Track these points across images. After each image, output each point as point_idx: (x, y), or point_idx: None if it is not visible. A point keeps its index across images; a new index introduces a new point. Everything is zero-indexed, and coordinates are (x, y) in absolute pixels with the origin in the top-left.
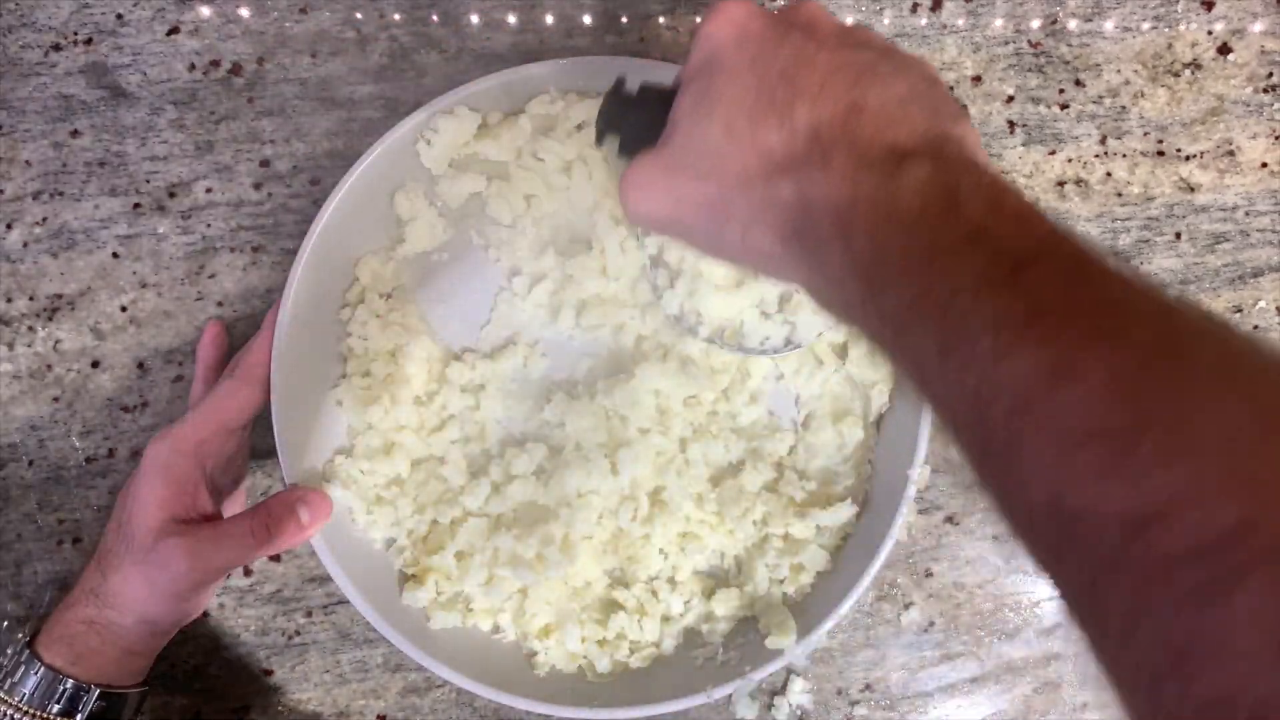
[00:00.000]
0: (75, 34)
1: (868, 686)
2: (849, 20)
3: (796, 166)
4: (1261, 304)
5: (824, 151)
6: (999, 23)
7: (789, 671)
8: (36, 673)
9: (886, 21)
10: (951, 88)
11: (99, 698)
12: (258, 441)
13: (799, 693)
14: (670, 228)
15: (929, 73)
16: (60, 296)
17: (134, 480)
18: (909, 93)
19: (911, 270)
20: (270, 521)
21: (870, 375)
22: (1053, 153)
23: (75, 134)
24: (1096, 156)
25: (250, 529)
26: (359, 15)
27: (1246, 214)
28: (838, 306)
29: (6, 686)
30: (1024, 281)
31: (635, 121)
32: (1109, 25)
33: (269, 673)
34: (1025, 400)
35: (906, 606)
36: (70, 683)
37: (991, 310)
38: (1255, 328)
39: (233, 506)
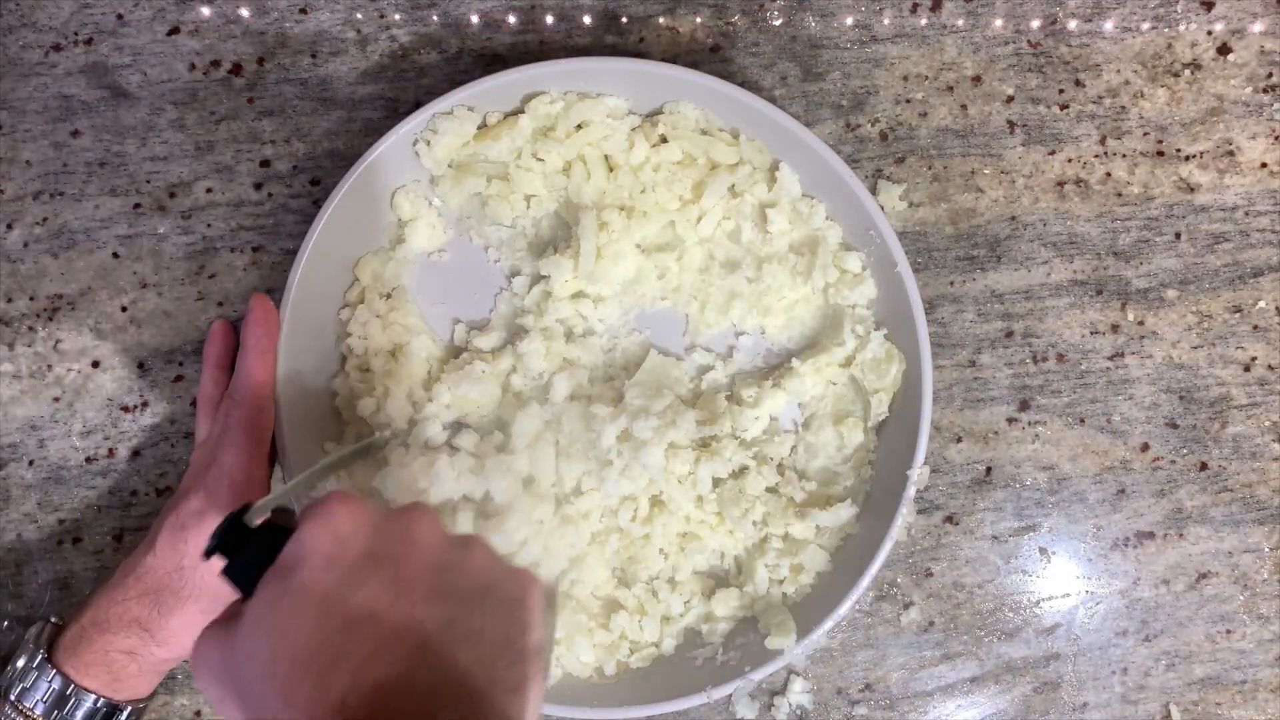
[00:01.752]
0: (76, 34)
1: (867, 686)
2: (848, 21)
3: None
4: (1261, 304)
5: None
6: (999, 23)
7: (789, 671)
8: (68, 689)
9: (886, 21)
10: (951, 88)
11: (129, 715)
12: None
13: (799, 693)
14: (214, 700)
15: (519, 621)
16: (60, 296)
17: (199, 529)
18: (467, 667)
19: None
20: None
21: (873, 381)
22: (1052, 153)
23: (76, 134)
24: (1096, 156)
25: None
26: (359, 15)
27: (1246, 214)
28: None
29: (16, 693)
30: None
31: (249, 556)
32: (1109, 25)
33: None
34: None
35: (906, 606)
36: (103, 702)
37: None
38: (1255, 328)
39: None
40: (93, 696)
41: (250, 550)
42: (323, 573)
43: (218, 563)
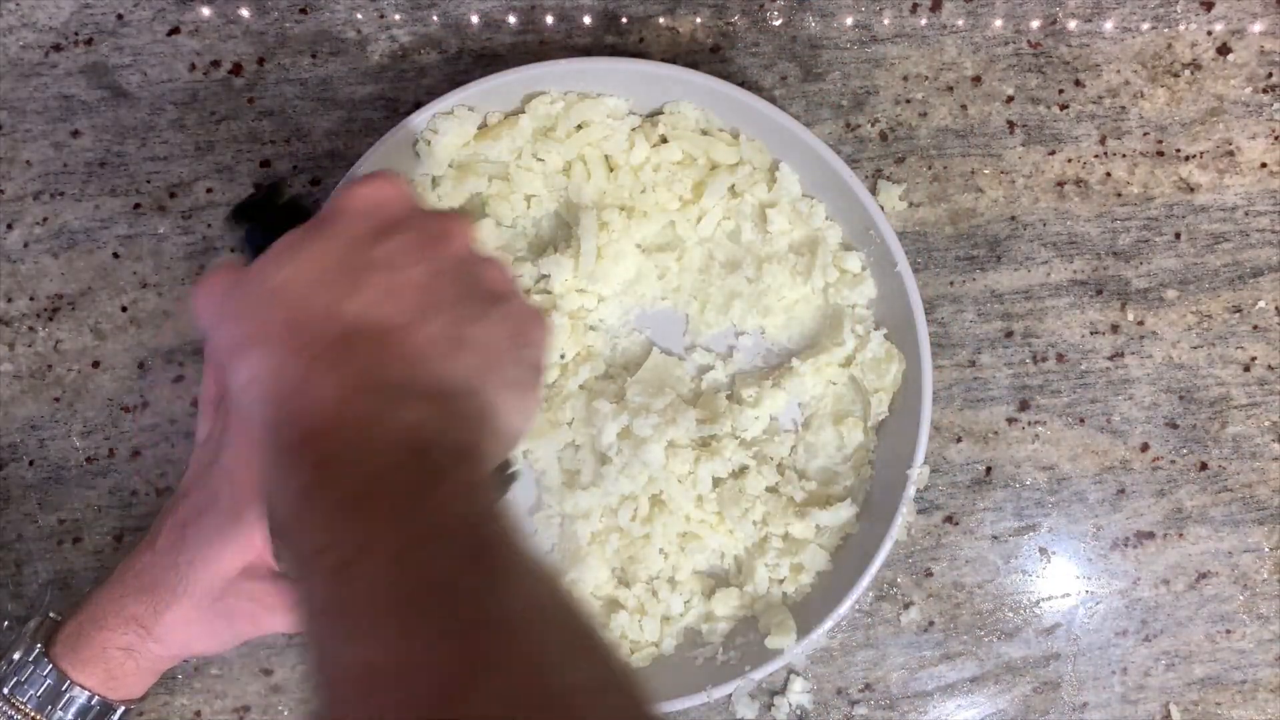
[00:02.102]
0: (76, 34)
1: (867, 686)
2: (848, 21)
3: (312, 357)
4: (1261, 304)
5: (342, 352)
6: (999, 23)
7: (789, 671)
8: (62, 685)
9: (886, 21)
10: (950, 88)
11: (122, 714)
12: None
13: (799, 692)
14: (210, 335)
15: (529, 334)
16: (61, 296)
17: (199, 526)
18: (474, 341)
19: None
20: None
21: (873, 381)
22: (1052, 153)
23: (76, 134)
24: (1096, 157)
25: None
26: (359, 15)
27: (1246, 214)
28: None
29: (10, 686)
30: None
31: (270, 222)
32: (1108, 25)
33: (269, 673)
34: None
35: (906, 606)
36: (97, 700)
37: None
38: (1255, 328)
39: None
40: (86, 693)
41: (275, 219)
42: (355, 221)
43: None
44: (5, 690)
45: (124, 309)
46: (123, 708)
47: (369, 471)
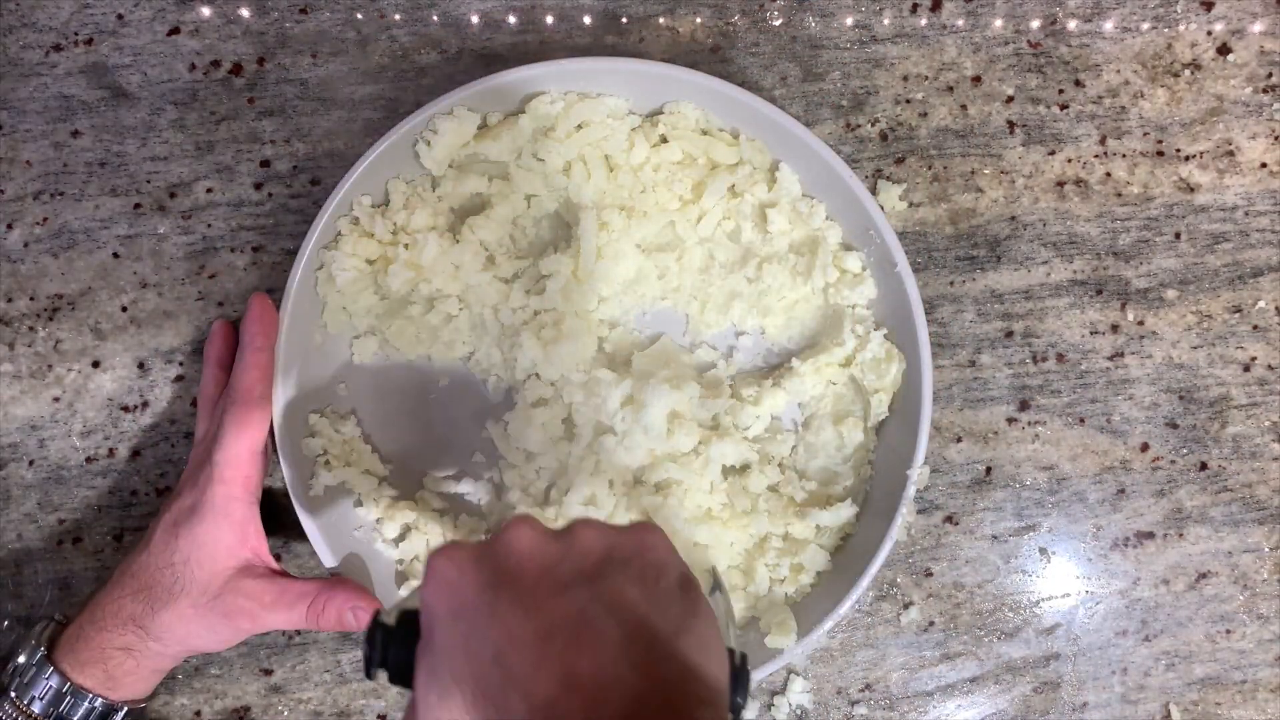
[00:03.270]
0: (76, 34)
1: (867, 686)
2: (848, 21)
3: None
4: (1261, 304)
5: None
6: (999, 23)
7: (789, 671)
8: (65, 687)
9: (886, 22)
10: (951, 88)
11: (125, 715)
12: None
13: (799, 692)
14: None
15: (652, 565)
16: (61, 296)
17: (190, 525)
18: (623, 634)
19: None
20: (322, 616)
21: (873, 381)
22: (1052, 153)
23: (76, 134)
24: (1096, 157)
25: (305, 612)
26: (359, 15)
27: (1246, 214)
28: None
29: (15, 689)
30: None
31: (398, 652)
32: (1108, 25)
33: (269, 672)
34: None
35: (906, 606)
36: (100, 701)
37: None
38: (1255, 328)
39: None
40: (89, 696)
41: (399, 648)
42: (453, 627)
43: (381, 675)
44: (12, 693)
45: (124, 309)
46: (125, 708)
47: None
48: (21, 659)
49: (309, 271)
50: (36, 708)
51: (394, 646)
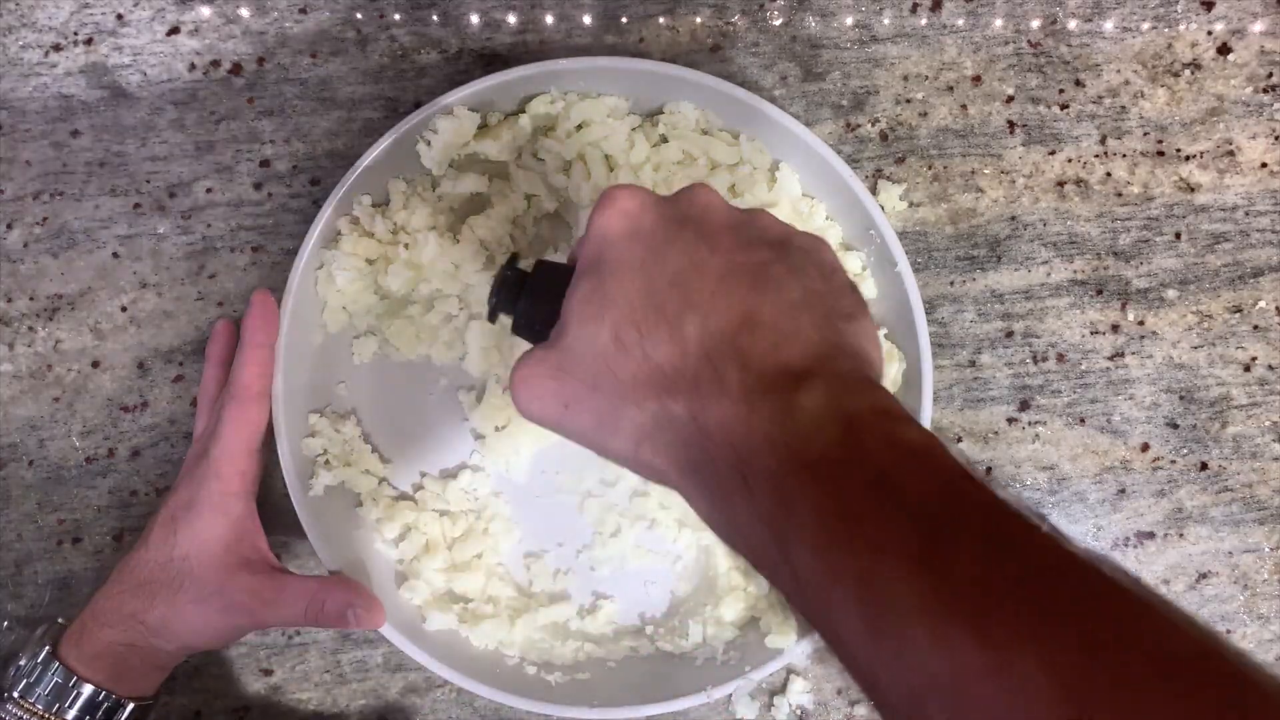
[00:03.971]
0: (75, 34)
1: None
2: (848, 21)
3: (689, 386)
4: (1261, 304)
5: (716, 372)
6: (999, 23)
7: (789, 671)
8: (70, 682)
9: (886, 21)
10: (951, 88)
11: (132, 711)
12: None
13: (799, 693)
14: (560, 429)
15: (826, 261)
16: (60, 296)
17: (188, 520)
18: (803, 296)
19: (819, 525)
20: (322, 614)
21: None
22: (1053, 153)
23: (75, 134)
24: (1096, 156)
25: (305, 609)
26: (359, 15)
27: (1246, 214)
28: (745, 552)
29: (20, 690)
30: (945, 558)
31: (529, 301)
32: (1109, 25)
33: (269, 673)
34: (965, 700)
35: None
36: (104, 695)
37: (917, 594)
38: (1255, 328)
39: None
40: (92, 688)
41: (530, 292)
42: (629, 246)
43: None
44: (15, 693)
45: (124, 309)
46: (131, 704)
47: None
48: (24, 660)
49: (309, 271)
50: (41, 704)
51: (525, 296)
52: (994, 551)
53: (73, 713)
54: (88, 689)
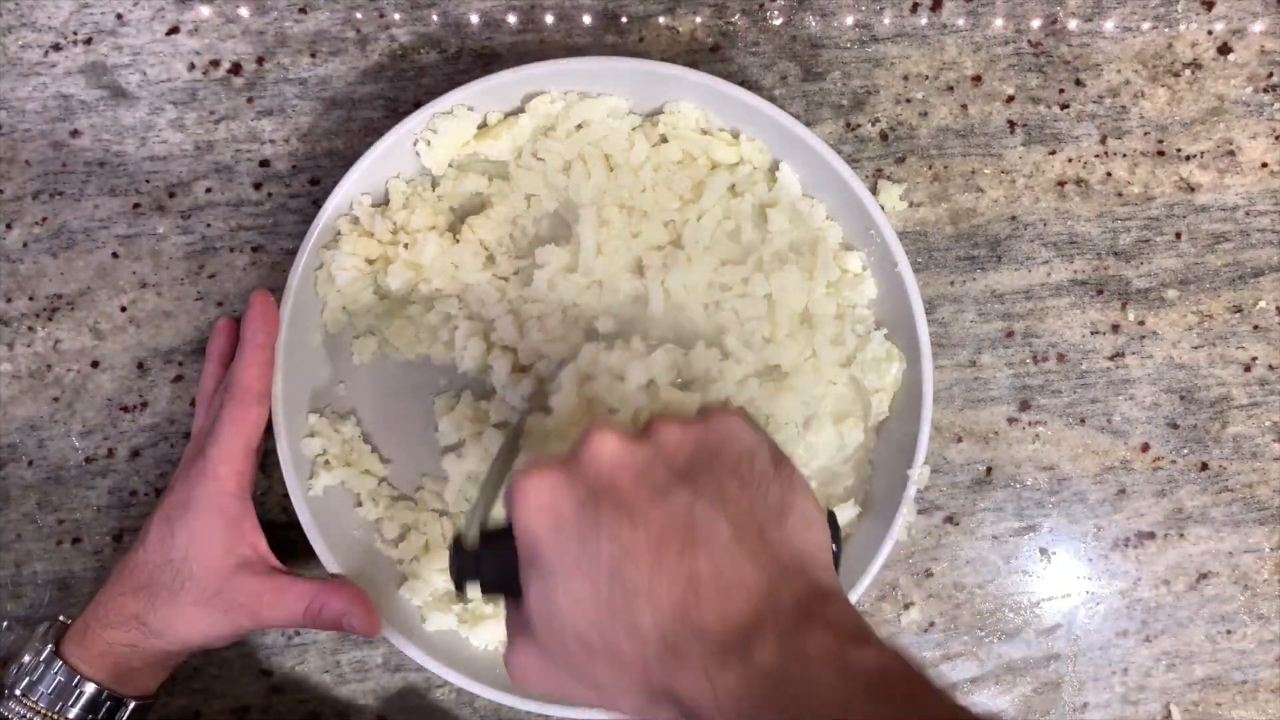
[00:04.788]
0: (75, 34)
1: None
2: (848, 20)
3: (660, 671)
4: (1262, 304)
5: (677, 654)
6: (999, 22)
7: None
8: (73, 680)
9: (887, 21)
10: (951, 88)
11: (133, 710)
12: None
13: None
14: (567, 699)
15: (739, 455)
16: (60, 296)
17: (184, 520)
18: (732, 529)
19: None
20: (320, 618)
21: (873, 381)
22: (1053, 152)
23: (75, 134)
24: (1097, 156)
25: (304, 611)
26: (359, 15)
27: (1247, 214)
28: None
29: (22, 688)
30: None
31: (488, 567)
32: (1109, 25)
33: (268, 673)
34: None
35: (906, 607)
36: (107, 694)
37: None
38: (1255, 328)
39: None
40: (95, 687)
41: (489, 561)
42: (558, 545)
43: (474, 589)
44: (18, 692)
45: (123, 309)
46: (133, 703)
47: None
48: (27, 659)
49: (309, 271)
50: (44, 703)
51: (483, 565)
52: None
53: (75, 711)
54: (90, 688)
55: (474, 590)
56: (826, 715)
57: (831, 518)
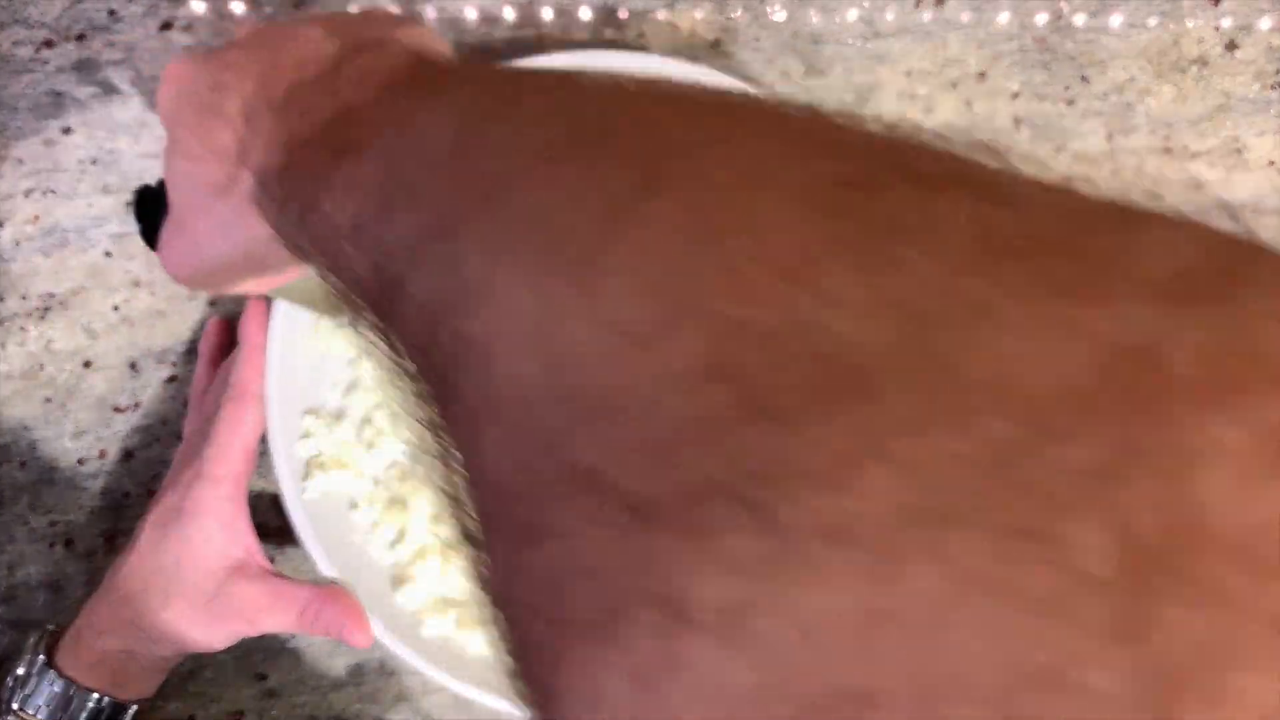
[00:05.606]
0: (67, 30)
1: None
2: (851, 16)
3: (250, 150)
4: None
5: (253, 123)
6: (1004, 18)
7: None
8: (70, 690)
9: (890, 17)
10: (955, 84)
11: (133, 715)
12: None
13: None
14: (201, 277)
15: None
16: (52, 296)
17: (178, 525)
18: (325, 32)
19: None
20: (314, 626)
21: None
22: (1059, 149)
23: (67, 131)
24: (1103, 153)
25: (298, 618)
26: (354, 9)
27: (1254, 211)
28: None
29: (18, 701)
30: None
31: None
32: (1115, 21)
33: (263, 677)
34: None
35: None
36: (108, 701)
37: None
38: None
39: None
40: (95, 696)
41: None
42: (179, 98)
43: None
44: (15, 705)
45: (116, 308)
46: (134, 708)
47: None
48: (21, 670)
49: (306, 271)
50: (43, 715)
51: (150, 195)
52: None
53: None
54: (90, 697)
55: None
56: (350, 109)
57: None
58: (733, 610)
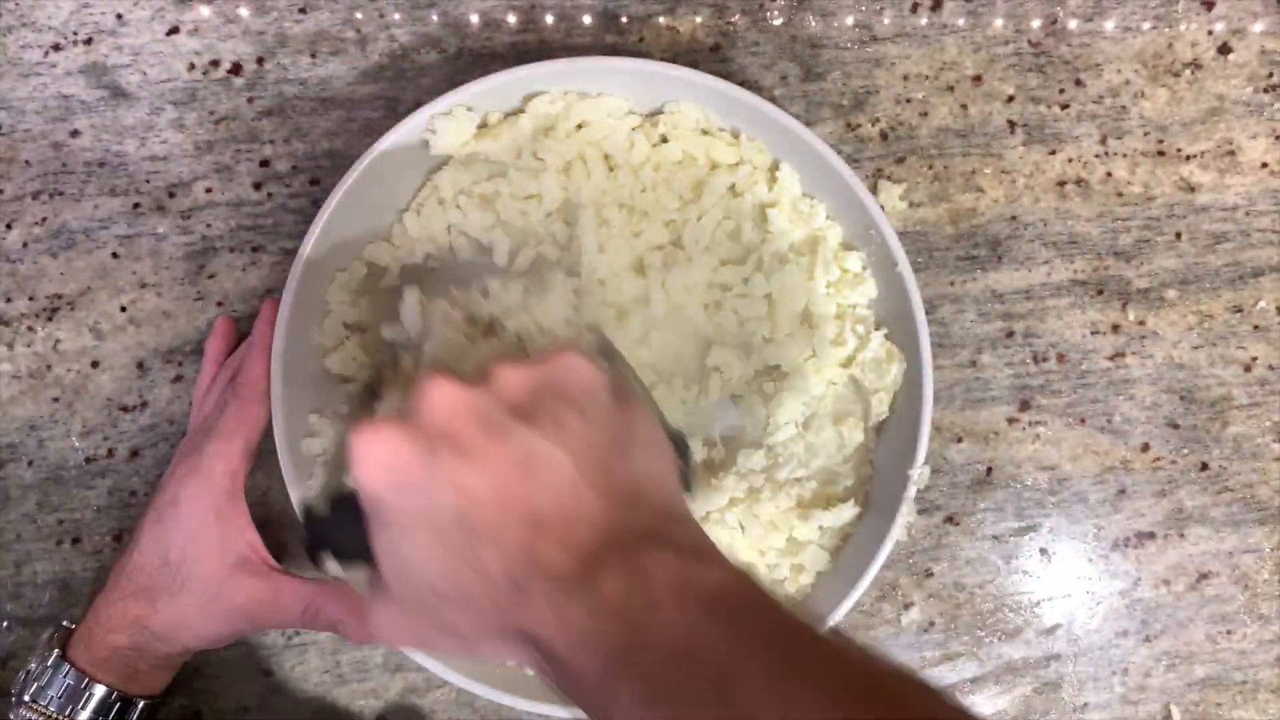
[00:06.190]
0: (75, 34)
1: None
2: (849, 20)
3: (512, 612)
4: (1261, 304)
5: (524, 593)
6: (999, 22)
7: None
8: (81, 683)
9: (886, 21)
10: (951, 88)
11: (142, 709)
12: None
13: None
14: (430, 650)
15: (578, 388)
16: (60, 296)
17: (177, 520)
18: (572, 461)
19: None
20: (315, 623)
21: (873, 381)
22: (1053, 152)
23: (75, 134)
24: (1097, 156)
25: (301, 614)
26: (359, 15)
27: (1247, 214)
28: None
29: (31, 693)
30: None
31: (340, 534)
32: (1109, 25)
33: (269, 673)
34: None
35: (906, 607)
36: (117, 695)
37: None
38: (1256, 328)
39: None
40: (104, 689)
41: (340, 527)
42: (401, 501)
43: (329, 562)
44: (27, 697)
45: (123, 309)
46: (142, 702)
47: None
48: (34, 665)
49: (309, 271)
50: (54, 707)
51: (335, 532)
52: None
53: (85, 714)
54: (99, 689)
55: (330, 562)
56: (669, 636)
57: (679, 439)
58: None
